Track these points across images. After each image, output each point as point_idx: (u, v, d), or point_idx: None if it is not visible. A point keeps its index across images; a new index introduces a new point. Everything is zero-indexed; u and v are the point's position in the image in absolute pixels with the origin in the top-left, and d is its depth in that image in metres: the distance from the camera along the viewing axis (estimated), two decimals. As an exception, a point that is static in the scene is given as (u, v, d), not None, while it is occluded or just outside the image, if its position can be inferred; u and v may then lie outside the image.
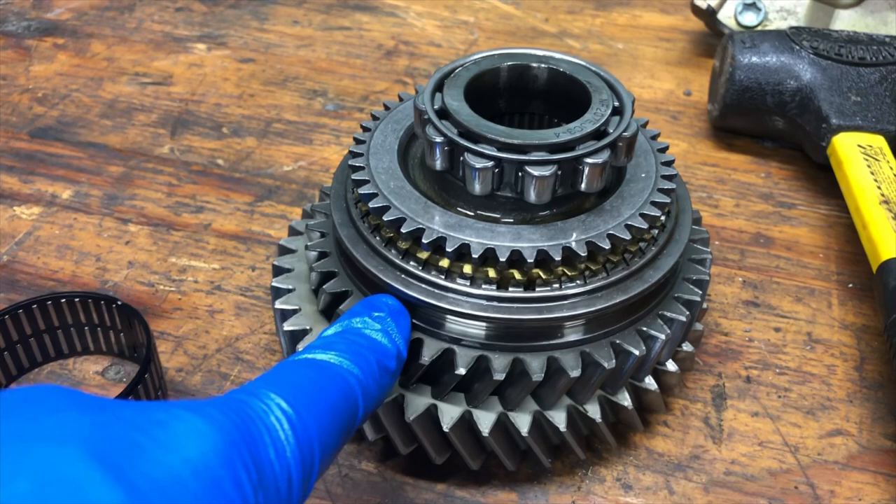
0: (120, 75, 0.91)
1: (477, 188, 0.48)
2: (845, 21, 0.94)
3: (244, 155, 0.80)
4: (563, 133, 0.48)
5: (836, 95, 0.76)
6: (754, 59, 0.79)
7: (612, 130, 0.49)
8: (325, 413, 0.38)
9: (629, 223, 0.49)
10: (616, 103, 0.51)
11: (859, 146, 0.72)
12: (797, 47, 0.79)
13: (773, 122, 0.80)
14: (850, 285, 0.68)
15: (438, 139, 0.48)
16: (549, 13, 1.06)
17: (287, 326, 0.53)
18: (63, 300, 0.56)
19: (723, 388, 0.60)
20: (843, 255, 0.71)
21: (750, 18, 0.97)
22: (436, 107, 0.50)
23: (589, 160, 0.47)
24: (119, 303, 0.55)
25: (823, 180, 0.79)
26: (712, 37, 1.00)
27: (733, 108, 0.80)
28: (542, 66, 0.54)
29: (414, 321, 0.49)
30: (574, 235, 0.48)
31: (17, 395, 0.30)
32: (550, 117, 0.57)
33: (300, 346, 0.52)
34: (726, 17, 0.97)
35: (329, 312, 0.53)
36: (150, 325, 0.55)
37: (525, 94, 0.55)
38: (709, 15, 0.95)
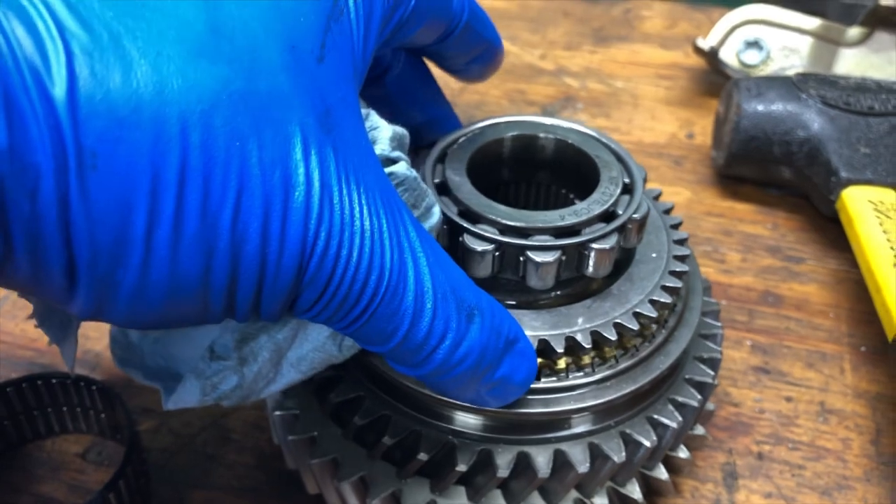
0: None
1: (476, 271, 0.45)
2: (849, 60, 0.92)
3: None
4: (568, 215, 0.45)
5: (844, 147, 0.74)
6: (760, 107, 0.77)
7: (621, 212, 0.46)
8: None
9: (637, 310, 0.46)
10: (626, 179, 0.49)
11: (870, 202, 0.70)
12: (804, 96, 0.77)
13: (779, 171, 0.78)
14: (863, 349, 0.66)
15: (437, 218, 0.46)
16: (546, 49, 1.03)
17: (278, 411, 0.50)
18: (39, 382, 0.52)
19: (734, 467, 0.57)
20: (854, 314, 0.69)
21: (752, 57, 0.95)
22: (436, 180, 0.48)
23: (595, 245, 0.45)
24: (97, 385, 0.52)
25: (832, 231, 0.76)
26: (714, 74, 0.97)
27: (739, 157, 0.78)
28: (549, 136, 0.51)
29: (412, 412, 0.46)
30: (579, 323, 0.45)
31: None
32: (558, 187, 0.54)
33: (291, 435, 0.49)
34: (728, 55, 0.95)
35: (321, 394, 0.50)
36: (132, 400, 0.52)
37: (531, 164, 0.53)
38: (710, 55, 0.93)
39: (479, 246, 0.44)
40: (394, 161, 0.40)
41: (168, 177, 0.27)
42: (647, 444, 0.47)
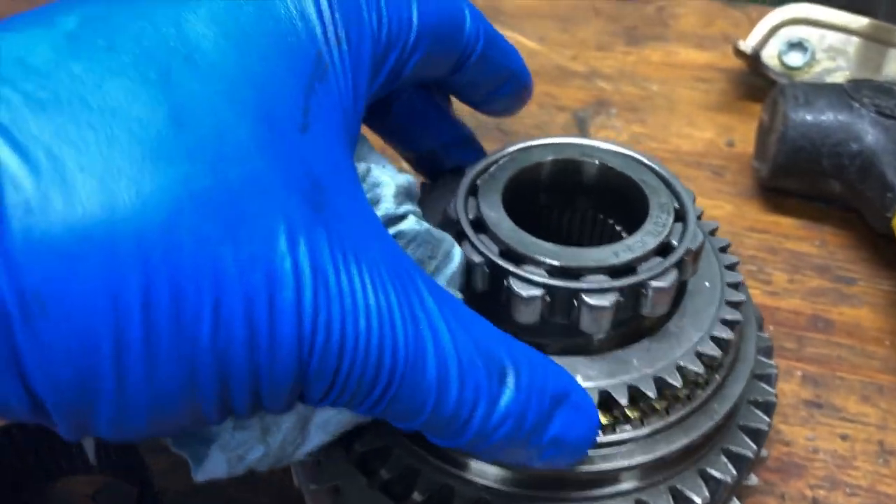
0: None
1: (522, 317, 0.41)
2: (899, 61, 0.87)
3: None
4: (622, 251, 0.41)
5: (901, 160, 0.69)
6: (808, 117, 0.72)
7: (676, 243, 0.42)
8: None
9: (700, 350, 0.42)
10: (676, 205, 0.45)
11: (930, 221, 0.65)
12: (856, 104, 0.72)
13: (829, 185, 0.73)
14: (922, 380, 0.61)
15: (477, 259, 0.42)
16: (577, 50, 0.99)
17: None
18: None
19: (787, 513, 0.53)
20: (912, 341, 0.65)
21: (796, 59, 0.90)
22: (471, 217, 0.44)
23: (654, 283, 0.41)
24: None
25: (885, 250, 0.72)
26: (754, 76, 0.92)
27: (785, 169, 0.73)
28: (591, 160, 0.47)
29: (442, 464, 0.43)
30: (638, 369, 0.41)
31: None
32: (596, 212, 0.50)
33: (313, 484, 0.45)
34: (770, 56, 0.90)
35: (345, 441, 0.47)
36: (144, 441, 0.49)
37: (570, 189, 0.49)
38: (752, 57, 0.88)
39: (527, 291, 0.40)
40: (401, 217, 0.36)
41: (130, 302, 0.24)
42: (699, 501, 0.43)
